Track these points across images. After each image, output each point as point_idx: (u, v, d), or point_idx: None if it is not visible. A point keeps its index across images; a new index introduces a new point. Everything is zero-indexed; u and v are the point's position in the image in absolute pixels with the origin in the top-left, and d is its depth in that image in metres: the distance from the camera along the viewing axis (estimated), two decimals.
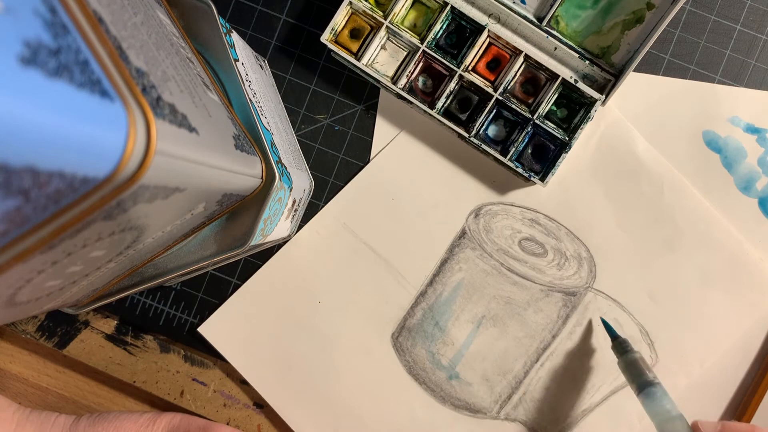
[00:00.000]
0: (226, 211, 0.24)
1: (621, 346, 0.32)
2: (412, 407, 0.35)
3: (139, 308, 0.36)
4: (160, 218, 0.17)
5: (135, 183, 0.13)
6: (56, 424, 0.29)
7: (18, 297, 0.16)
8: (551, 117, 0.33)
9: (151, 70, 0.15)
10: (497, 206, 0.35)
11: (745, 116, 0.34)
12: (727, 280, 0.34)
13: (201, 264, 0.25)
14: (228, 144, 0.20)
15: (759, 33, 0.34)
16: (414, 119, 0.35)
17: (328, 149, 0.35)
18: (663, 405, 0.29)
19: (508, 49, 0.33)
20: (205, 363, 0.36)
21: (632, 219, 0.34)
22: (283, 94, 0.35)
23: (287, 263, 0.35)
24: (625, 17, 0.32)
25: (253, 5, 0.35)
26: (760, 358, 0.34)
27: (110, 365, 0.36)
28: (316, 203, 0.35)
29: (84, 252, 0.15)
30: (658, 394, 0.29)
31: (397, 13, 0.33)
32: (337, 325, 0.35)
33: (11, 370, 0.37)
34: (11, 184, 0.10)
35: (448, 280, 0.35)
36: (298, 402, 0.35)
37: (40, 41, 0.10)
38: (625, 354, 0.31)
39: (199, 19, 0.25)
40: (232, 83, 0.26)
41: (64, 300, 0.21)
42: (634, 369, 0.31)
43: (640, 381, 0.30)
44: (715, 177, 0.34)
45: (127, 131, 0.12)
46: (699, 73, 0.34)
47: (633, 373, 0.31)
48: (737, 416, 0.34)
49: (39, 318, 0.36)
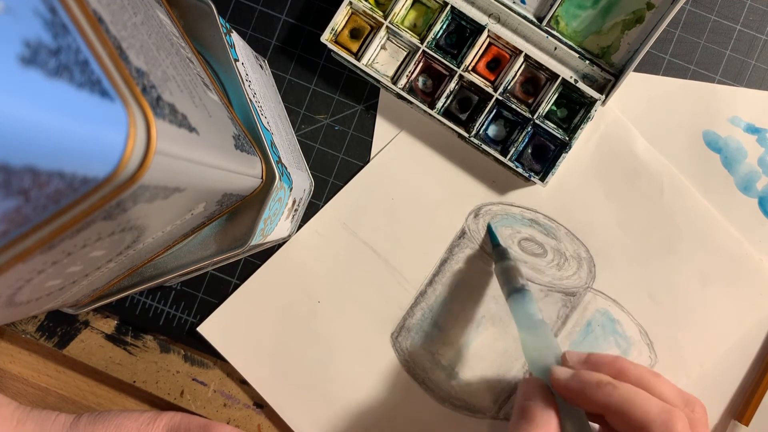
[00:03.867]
0: (226, 211, 0.24)
1: (500, 254, 0.32)
2: (412, 407, 0.35)
3: (139, 308, 0.36)
4: (160, 218, 0.18)
5: (135, 183, 0.13)
6: (56, 422, 0.29)
7: (18, 297, 0.16)
8: (551, 117, 0.33)
9: (151, 70, 0.15)
10: (497, 206, 0.35)
11: (745, 116, 0.34)
12: (727, 281, 0.34)
13: (201, 264, 0.25)
14: (228, 144, 0.20)
15: (759, 33, 0.34)
16: (414, 119, 0.35)
17: (328, 149, 0.35)
18: (527, 309, 0.29)
19: (508, 49, 0.33)
20: (205, 363, 0.36)
21: (632, 219, 0.34)
22: (283, 94, 0.35)
23: (287, 263, 0.35)
24: (625, 17, 0.32)
25: (253, 5, 0.35)
26: (760, 358, 0.34)
27: (110, 365, 0.36)
28: (316, 203, 0.35)
29: (84, 252, 0.15)
30: (524, 299, 0.29)
31: (397, 13, 0.33)
32: (336, 325, 0.35)
33: (11, 370, 0.37)
34: (11, 184, 0.10)
35: (448, 280, 0.35)
36: (297, 402, 0.35)
37: (40, 41, 0.10)
38: (501, 261, 0.32)
39: (199, 19, 0.25)
40: (232, 83, 0.26)
41: (64, 300, 0.21)
42: (507, 275, 0.31)
43: (509, 287, 0.30)
44: (715, 177, 0.34)
45: (127, 131, 0.12)
46: (699, 73, 0.34)
47: (505, 279, 0.31)
48: (737, 416, 0.34)
49: (39, 318, 0.36)
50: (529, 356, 0.28)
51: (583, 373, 0.25)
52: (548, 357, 0.27)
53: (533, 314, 0.28)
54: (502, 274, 0.31)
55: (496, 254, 0.33)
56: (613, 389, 0.23)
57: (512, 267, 0.31)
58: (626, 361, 0.26)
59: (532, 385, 0.26)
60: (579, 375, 0.25)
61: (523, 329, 0.28)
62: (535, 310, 0.29)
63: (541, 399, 0.25)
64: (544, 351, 0.27)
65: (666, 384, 0.25)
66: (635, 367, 0.26)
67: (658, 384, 0.25)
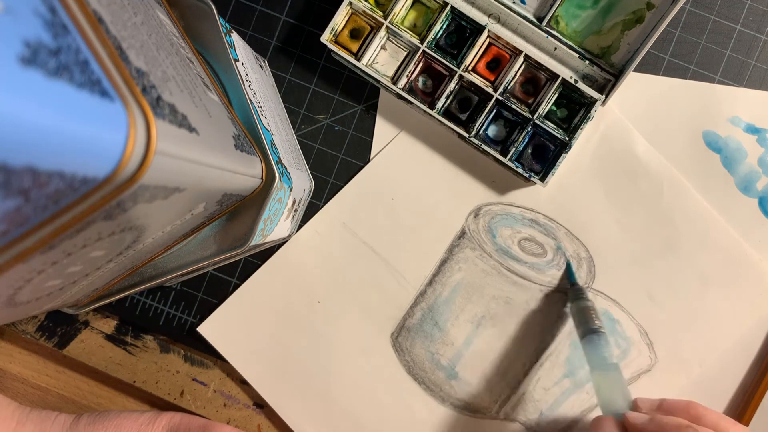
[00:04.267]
0: (226, 211, 0.24)
1: (577, 293, 0.32)
2: (412, 407, 0.35)
3: (139, 308, 0.36)
4: (160, 218, 0.17)
5: (135, 183, 0.13)
6: (56, 422, 0.29)
7: (18, 297, 0.16)
8: (551, 117, 0.33)
9: (151, 70, 0.15)
10: (497, 206, 0.35)
11: (745, 116, 0.34)
12: (727, 281, 0.34)
13: (201, 264, 0.25)
14: (228, 144, 0.20)
15: (759, 33, 0.34)
16: (414, 119, 0.35)
17: (328, 149, 0.35)
18: (602, 352, 0.29)
19: (508, 49, 0.33)
20: (205, 363, 0.36)
21: (632, 219, 0.34)
22: (283, 94, 0.35)
23: (287, 263, 0.35)
24: (625, 17, 0.32)
25: (253, 5, 0.35)
26: (760, 358, 0.34)
27: (110, 365, 0.36)
28: (316, 203, 0.35)
29: (84, 252, 0.15)
30: (599, 342, 0.29)
31: (397, 13, 0.33)
32: (336, 324, 0.35)
33: (11, 370, 0.37)
34: (11, 184, 0.10)
35: (448, 280, 0.35)
36: (297, 402, 0.35)
37: (40, 41, 0.10)
38: (578, 300, 0.32)
39: (199, 19, 0.25)
40: (232, 83, 0.26)
41: (64, 300, 0.21)
42: (583, 316, 0.31)
43: (585, 327, 0.30)
44: (715, 177, 0.34)
45: (127, 131, 0.12)
46: (699, 73, 0.34)
47: (581, 319, 0.31)
48: (737, 416, 0.34)
49: (39, 318, 0.36)
50: (602, 398, 0.28)
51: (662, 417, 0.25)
52: (621, 401, 0.27)
53: (607, 357, 0.29)
54: (578, 314, 0.31)
55: (572, 293, 0.33)
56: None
57: (589, 308, 0.31)
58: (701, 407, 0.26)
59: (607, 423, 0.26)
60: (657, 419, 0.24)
61: (597, 371, 0.29)
62: (609, 353, 0.29)
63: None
64: (617, 394, 0.27)
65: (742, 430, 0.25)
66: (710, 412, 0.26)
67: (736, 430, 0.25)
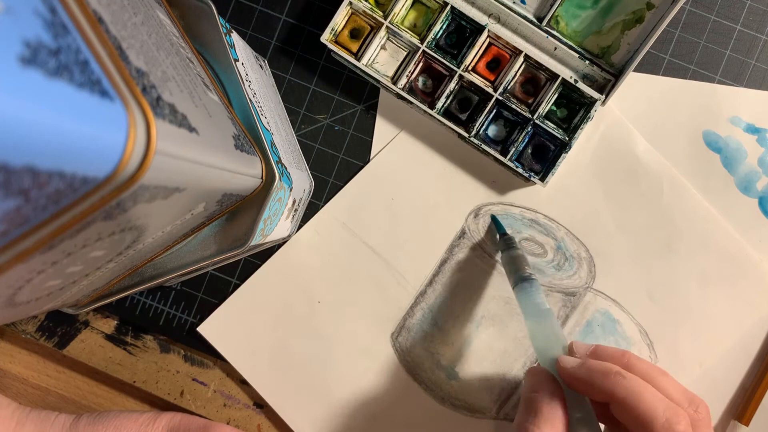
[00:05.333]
0: (226, 211, 0.24)
1: (507, 243, 0.32)
2: (412, 407, 0.35)
3: (139, 308, 0.36)
4: (160, 218, 0.17)
5: (135, 183, 0.13)
6: (56, 422, 0.29)
7: (18, 297, 0.16)
8: (551, 117, 0.33)
9: (151, 70, 0.15)
10: (497, 206, 0.35)
11: (745, 116, 0.34)
12: (727, 281, 0.34)
13: (201, 264, 0.25)
14: (228, 144, 0.20)
15: (759, 33, 0.34)
16: (414, 119, 0.35)
17: (328, 149, 0.35)
18: (534, 298, 0.28)
19: (508, 49, 0.33)
20: (205, 363, 0.36)
21: (632, 219, 0.34)
22: (283, 94, 0.35)
23: (287, 263, 0.35)
24: (625, 17, 0.32)
25: (253, 5, 0.35)
26: (760, 358, 0.34)
27: (110, 365, 0.36)
28: (316, 203, 0.35)
29: (84, 252, 0.15)
30: (531, 289, 0.29)
31: (397, 13, 0.33)
32: (336, 324, 0.35)
33: (11, 370, 0.37)
34: (11, 184, 0.10)
35: (448, 280, 0.35)
36: (297, 402, 0.35)
37: (40, 41, 0.10)
38: (509, 250, 0.32)
39: (199, 19, 0.25)
40: (232, 83, 0.26)
41: (64, 300, 0.21)
42: (514, 264, 0.31)
43: (516, 276, 0.30)
44: (715, 177, 0.34)
45: (127, 131, 0.12)
46: (699, 73, 0.34)
47: (512, 268, 0.31)
48: (737, 416, 0.34)
49: (39, 318, 0.36)
50: (536, 345, 0.28)
51: (592, 361, 0.25)
52: (555, 346, 0.27)
53: (540, 303, 0.28)
54: (509, 263, 0.31)
55: (502, 243, 0.33)
56: (621, 379, 0.23)
57: (519, 256, 0.31)
58: (633, 356, 0.26)
59: (538, 376, 0.26)
60: (588, 363, 0.24)
61: (531, 318, 0.28)
62: (542, 299, 0.29)
63: (547, 390, 0.25)
64: (552, 340, 0.27)
65: (672, 382, 0.25)
66: (642, 362, 0.26)
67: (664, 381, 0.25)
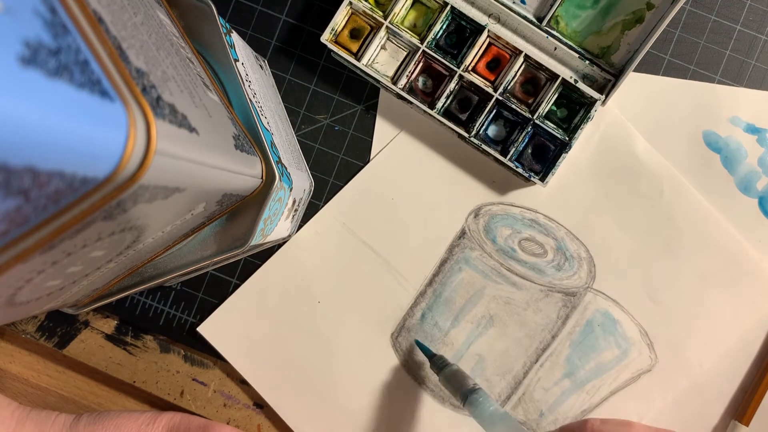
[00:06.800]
0: (226, 211, 0.24)
1: (438, 363, 0.32)
2: (412, 407, 0.35)
3: (139, 308, 0.36)
4: (160, 218, 0.18)
5: (135, 183, 0.13)
6: (56, 422, 0.29)
7: (18, 297, 0.16)
8: (551, 117, 0.33)
9: (151, 70, 0.15)
10: (497, 206, 0.35)
11: (746, 116, 0.34)
12: (727, 281, 0.34)
13: (201, 264, 0.25)
14: (228, 144, 0.20)
15: (759, 33, 0.34)
16: (414, 119, 0.35)
17: (328, 149, 0.35)
18: (488, 407, 0.28)
19: (508, 49, 0.33)
20: (205, 363, 0.36)
21: (632, 219, 0.34)
22: (283, 94, 0.35)
23: (287, 263, 0.35)
24: (625, 17, 0.32)
25: (253, 5, 0.35)
26: (760, 358, 0.34)
27: (110, 365, 0.36)
28: (316, 203, 0.35)
29: (84, 252, 0.15)
30: (481, 399, 0.28)
31: (397, 13, 0.33)
32: (336, 325, 0.35)
33: (11, 370, 0.37)
34: (11, 184, 0.10)
35: (448, 280, 0.35)
36: (297, 402, 0.35)
37: (40, 41, 0.10)
38: (444, 369, 0.31)
39: (199, 19, 0.25)
40: (232, 83, 0.26)
41: (64, 300, 0.21)
42: (455, 380, 0.30)
43: (462, 391, 0.29)
44: (715, 177, 0.34)
45: (127, 131, 0.12)
46: (699, 73, 0.34)
47: (455, 385, 0.30)
48: (737, 416, 0.34)
49: (39, 318, 0.36)
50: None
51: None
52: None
53: (496, 410, 0.28)
54: (449, 382, 0.31)
55: (434, 365, 0.32)
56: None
57: (456, 371, 0.31)
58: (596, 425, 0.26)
59: None
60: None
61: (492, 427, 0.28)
62: (495, 405, 0.28)
63: None
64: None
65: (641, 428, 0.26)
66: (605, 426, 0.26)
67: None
